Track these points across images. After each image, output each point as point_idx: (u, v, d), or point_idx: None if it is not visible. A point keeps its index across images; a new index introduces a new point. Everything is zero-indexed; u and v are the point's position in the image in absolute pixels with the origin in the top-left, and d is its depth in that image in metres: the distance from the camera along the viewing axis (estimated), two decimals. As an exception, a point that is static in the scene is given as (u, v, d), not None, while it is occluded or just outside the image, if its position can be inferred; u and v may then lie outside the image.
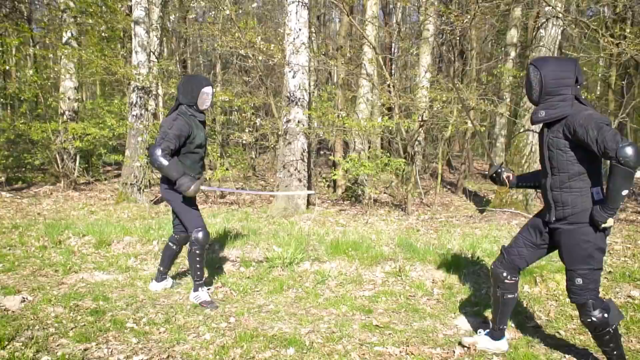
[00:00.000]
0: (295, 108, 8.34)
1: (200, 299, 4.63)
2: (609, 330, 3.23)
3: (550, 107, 3.19)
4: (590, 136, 2.98)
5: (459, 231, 7.51)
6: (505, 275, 3.62)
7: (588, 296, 3.24)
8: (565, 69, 3.18)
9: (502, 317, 3.71)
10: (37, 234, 6.79)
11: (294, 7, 8.17)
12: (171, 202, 4.64)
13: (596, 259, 3.21)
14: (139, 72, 9.73)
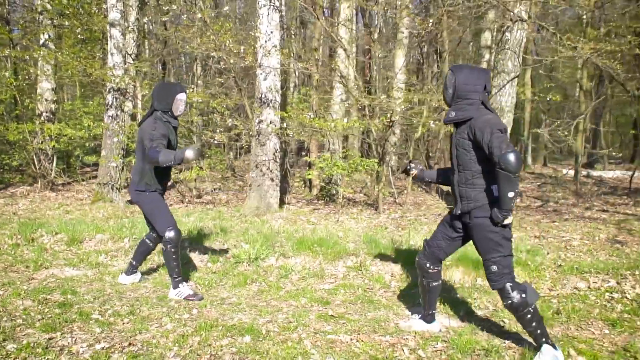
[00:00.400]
0: (267, 109, 8.53)
1: (184, 294, 4.78)
2: (529, 310, 3.49)
3: (459, 109, 3.56)
4: (484, 139, 3.34)
5: (425, 228, 7.76)
6: (429, 266, 3.99)
7: (505, 281, 3.53)
8: (477, 77, 3.54)
9: (430, 302, 4.08)
10: (10, 232, 6.90)
11: (265, 10, 8.37)
12: (141, 204, 4.83)
13: (504, 247, 3.53)
14: (114, 74, 9.85)
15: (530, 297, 3.50)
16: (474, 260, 5.36)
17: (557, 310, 4.49)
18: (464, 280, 5.26)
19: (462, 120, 3.55)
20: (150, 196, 4.77)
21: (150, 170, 4.74)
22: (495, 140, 3.27)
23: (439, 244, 3.94)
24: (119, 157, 9.91)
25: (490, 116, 3.47)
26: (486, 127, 3.35)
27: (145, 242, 5.17)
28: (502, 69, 8.91)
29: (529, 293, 3.51)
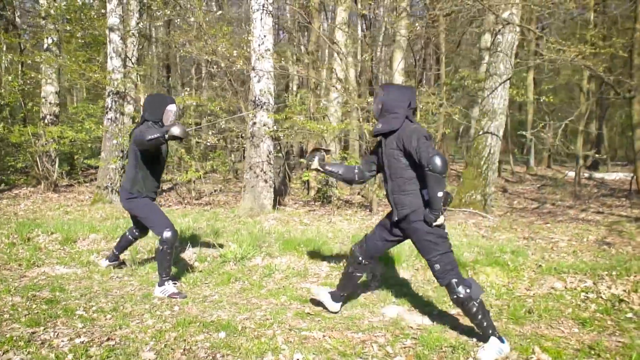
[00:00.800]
0: (260, 112, 8.68)
1: (168, 292, 4.93)
2: (474, 304, 3.70)
3: (386, 122, 3.87)
4: (412, 146, 3.64)
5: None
6: (361, 259, 4.29)
7: (449, 277, 3.76)
8: (402, 94, 3.91)
9: (345, 287, 4.46)
10: (7, 232, 7.10)
11: (258, 14, 8.52)
12: (133, 210, 5.04)
13: (441, 245, 3.78)
14: (111, 78, 10.04)
15: (475, 291, 3.70)
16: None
17: (529, 309, 4.58)
18: (442, 280, 5.36)
19: (388, 131, 3.84)
20: (142, 202, 4.97)
21: (142, 178, 4.94)
22: (422, 145, 3.58)
23: (376, 244, 4.22)
24: (117, 160, 10.09)
25: (415, 125, 3.79)
26: (413, 135, 3.66)
27: (127, 237, 5.48)
28: (494, 72, 9.00)
29: (473, 288, 3.71)
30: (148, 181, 4.97)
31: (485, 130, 9.04)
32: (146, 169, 4.93)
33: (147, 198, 5.00)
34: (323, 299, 4.50)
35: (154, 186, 5.04)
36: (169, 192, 12.67)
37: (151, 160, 4.93)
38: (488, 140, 9.04)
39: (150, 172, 4.96)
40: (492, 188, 9.22)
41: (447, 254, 3.78)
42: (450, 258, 3.79)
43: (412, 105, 3.87)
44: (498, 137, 9.06)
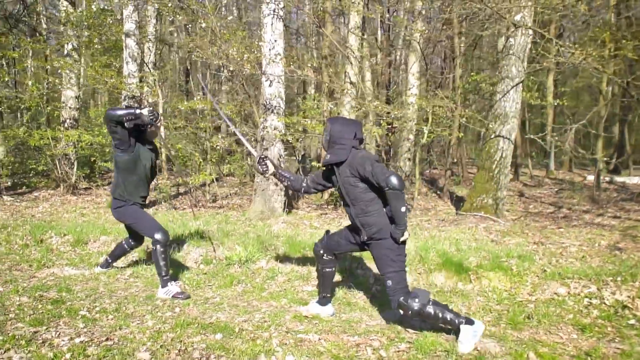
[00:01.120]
0: (271, 115, 8.75)
1: (171, 293, 5.04)
2: (429, 310, 3.89)
3: (333, 153, 4.09)
4: (367, 170, 3.88)
5: (425, 234, 7.83)
6: (322, 253, 4.50)
7: (398, 296, 3.97)
8: (348, 126, 4.14)
9: (324, 287, 4.57)
10: (22, 233, 7.28)
11: (269, 19, 8.60)
12: (124, 219, 5.21)
13: (397, 262, 4.00)
14: (127, 82, 10.22)
15: (423, 298, 3.90)
16: (456, 264, 5.45)
17: (529, 315, 4.55)
18: (445, 285, 5.35)
19: (336, 162, 4.08)
20: (129, 209, 5.11)
21: (122, 183, 5.08)
22: (376, 168, 3.85)
23: (339, 242, 4.43)
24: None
25: (363, 152, 4.07)
26: (366, 161, 3.92)
27: (123, 246, 5.62)
28: (506, 75, 8.94)
29: (420, 296, 3.91)
30: (130, 186, 5.09)
31: (496, 134, 8.97)
32: (126, 174, 5.05)
33: (134, 205, 5.14)
34: (313, 311, 4.59)
35: (138, 192, 5.16)
36: (184, 196, 12.82)
37: (129, 167, 5.03)
38: (500, 144, 8.97)
39: (132, 178, 5.07)
40: (504, 192, 9.14)
41: (401, 272, 3.99)
42: (402, 276, 4.01)
43: (357, 136, 4.09)
44: (510, 140, 8.98)
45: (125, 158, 4.98)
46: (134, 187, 5.10)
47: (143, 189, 5.20)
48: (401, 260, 4.02)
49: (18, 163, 14.56)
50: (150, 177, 5.31)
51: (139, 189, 5.14)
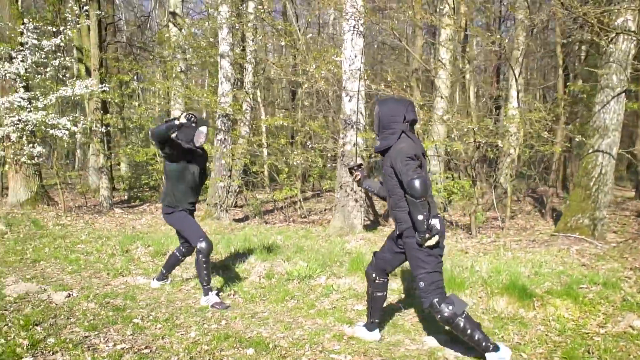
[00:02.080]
0: (350, 131, 8.72)
1: (211, 302, 5.23)
2: (460, 319, 3.66)
3: (383, 139, 3.84)
4: (397, 167, 3.65)
5: (508, 255, 7.36)
6: (375, 276, 4.23)
7: (432, 297, 3.72)
8: (396, 108, 3.81)
9: (374, 312, 4.32)
10: (113, 243, 7.84)
11: (349, 35, 8.61)
12: (173, 224, 5.46)
13: (429, 263, 3.73)
14: (220, 101, 10.69)
15: (458, 307, 3.68)
16: (520, 289, 5.04)
17: (589, 349, 4.07)
18: (505, 311, 4.95)
19: (385, 148, 3.83)
20: (178, 216, 5.35)
21: (171, 190, 5.34)
22: (404, 167, 3.59)
23: (385, 257, 4.16)
24: (224, 179, 10.68)
25: (404, 144, 3.71)
26: (398, 156, 3.65)
27: (176, 255, 5.81)
28: (605, 84, 8.20)
29: (456, 304, 3.69)
30: (179, 194, 5.31)
31: (595, 149, 8.24)
32: (175, 182, 5.30)
33: (183, 211, 5.38)
34: (359, 334, 4.38)
35: (186, 199, 5.37)
36: (278, 210, 13.11)
37: (178, 175, 5.26)
38: (599, 159, 8.22)
39: (180, 186, 5.30)
40: (604, 212, 8.33)
41: (433, 273, 3.74)
42: (435, 278, 3.75)
43: (407, 118, 3.78)
44: (611, 155, 8.20)
45: (173, 167, 5.23)
46: (182, 195, 5.34)
47: (191, 195, 5.42)
48: (433, 261, 3.74)
49: (133, 178, 15.78)
50: (200, 182, 5.54)
51: (187, 196, 5.37)
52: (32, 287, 5.68)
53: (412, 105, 3.88)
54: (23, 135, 10.62)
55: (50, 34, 11.51)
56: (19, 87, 10.65)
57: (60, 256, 7.31)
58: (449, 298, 3.74)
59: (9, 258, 7.28)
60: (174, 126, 4.84)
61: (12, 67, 10.48)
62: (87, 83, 10.65)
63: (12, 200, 11.80)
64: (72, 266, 6.82)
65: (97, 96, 12.15)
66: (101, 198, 12.79)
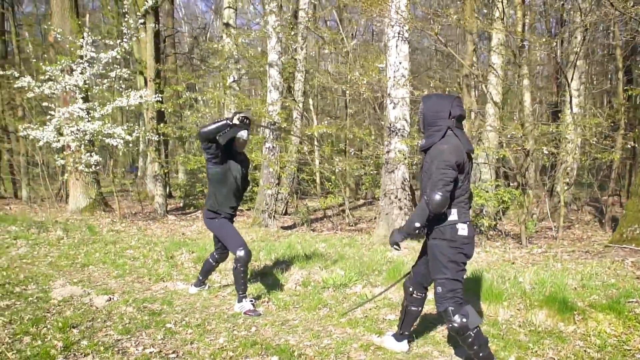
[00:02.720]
0: (395, 138, 8.61)
1: (245, 309, 5.26)
2: (470, 334, 3.56)
3: (428, 136, 3.70)
4: (432, 169, 3.54)
5: (558, 266, 7.05)
6: (412, 291, 4.11)
7: (447, 304, 3.61)
8: (440, 104, 3.67)
9: (405, 324, 4.21)
10: (160, 249, 8.03)
11: (394, 42, 8.52)
12: (214, 229, 5.47)
13: (450, 270, 3.61)
14: (268, 110, 10.81)
15: (472, 321, 3.56)
16: (560, 301, 4.80)
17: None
18: (543, 324, 4.72)
19: (429, 146, 3.67)
20: (219, 222, 5.36)
21: (213, 195, 5.35)
22: (435, 174, 3.48)
23: (420, 270, 4.04)
24: (272, 186, 10.78)
25: (445, 147, 3.53)
26: (435, 159, 3.52)
27: (210, 262, 5.88)
28: (665, 87, 7.77)
29: (470, 317, 3.57)
30: (221, 197, 5.32)
31: (655, 155, 7.80)
32: (218, 185, 5.29)
33: (224, 218, 5.39)
34: (387, 344, 4.30)
35: (228, 205, 5.38)
36: (329, 218, 13.09)
37: (220, 178, 5.26)
38: (659, 166, 7.78)
39: (223, 190, 5.30)
40: (665, 222, 7.85)
41: (452, 280, 3.63)
42: (454, 285, 3.63)
43: (453, 114, 3.62)
44: (672, 162, 7.74)
45: (217, 170, 5.25)
46: (225, 198, 5.33)
47: (234, 200, 5.42)
48: (454, 268, 3.61)
49: (189, 186, 16.19)
50: (242, 188, 5.53)
51: (229, 200, 5.36)
52: (77, 291, 5.89)
53: (458, 100, 3.72)
54: (82, 144, 11.07)
55: (110, 47, 11.99)
56: (78, 98, 11.12)
57: (109, 261, 7.56)
58: (465, 309, 3.61)
59: (61, 262, 7.58)
60: (225, 126, 4.85)
61: (72, 79, 10.97)
62: (141, 93, 11.02)
63: (72, 207, 12.33)
64: (118, 271, 7.04)
65: (152, 106, 12.56)
66: (156, 205, 13.18)
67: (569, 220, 12.33)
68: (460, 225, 3.61)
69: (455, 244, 3.60)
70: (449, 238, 3.59)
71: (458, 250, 3.61)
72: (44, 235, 9.39)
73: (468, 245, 3.65)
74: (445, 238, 3.59)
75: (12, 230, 9.80)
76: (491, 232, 10.14)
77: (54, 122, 10.74)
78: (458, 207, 3.64)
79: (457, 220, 3.61)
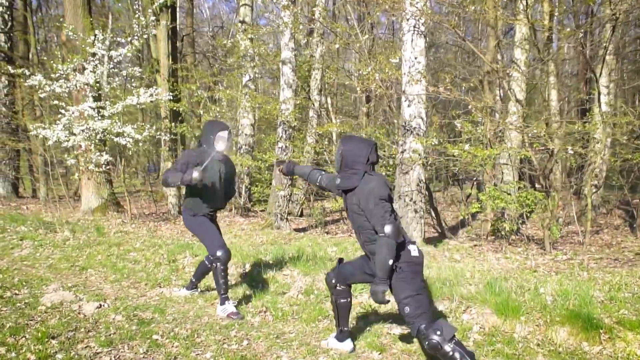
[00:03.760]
0: (410, 137, 8.17)
1: (227, 311, 5.06)
2: (449, 346, 3.43)
3: (346, 178, 3.83)
4: (368, 207, 3.64)
5: (584, 275, 6.54)
6: (335, 283, 4.16)
7: (420, 322, 3.51)
8: (360, 148, 3.80)
9: (341, 320, 4.20)
10: (163, 252, 7.72)
11: (409, 36, 8.08)
12: (192, 229, 5.30)
13: (413, 285, 3.61)
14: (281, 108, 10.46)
15: (447, 332, 3.45)
16: (585, 318, 4.33)
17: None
18: (565, 343, 4.26)
19: (348, 188, 3.81)
20: (197, 220, 5.20)
21: (191, 195, 5.19)
22: (376, 209, 3.59)
23: (353, 272, 4.11)
24: (284, 187, 10.43)
25: (373, 184, 3.68)
26: (370, 197, 3.63)
27: (204, 263, 5.61)
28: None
29: (444, 329, 3.46)
30: (197, 202, 5.18)
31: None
32: (195, 190, 5.13)
33: (204, 217, 5.22)
34: (332, 345, 4.26)
35: (206, 206, 5.22)
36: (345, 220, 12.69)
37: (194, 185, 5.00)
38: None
39: (199, 194, 5.14)
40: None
41: (418, 296, 3.60)
42: (422, 302, 3.60)
43: (370, 160, 3.80)
44: None
45: None
46: (202, 202, 5.19)
47: (212, 202, 5.26)
48: (417, 283, 3.65)
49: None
50: (225, 191, 5.38)
51: (208, 203, 5.22)
52: (68, 296, 5.61)
53: (375, 147, 3.90)
54: (92, 143, 10.87)
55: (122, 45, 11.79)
56: (88, 96, 10.94)
57: (109, 264, 7.28)
58: (437, 324, 3.52)
59: (62, 264, 7.35)
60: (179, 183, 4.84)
61: (83, 77, 10.78)
62: (151, 92, 10.77)
63: (84, 207, 12.17)
64: (116, 275, 6.75)
65: (165, 105, 12.33)
66: (169, 205, 12.95)
67: (597, 224, 11.71)
68: (411, 246, 3.73)
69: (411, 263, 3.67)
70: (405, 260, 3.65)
71: (414, 269, 3.67)
72: (51, 236, 9.18)
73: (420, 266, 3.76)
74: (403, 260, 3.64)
75: (20, 231, 9.63)
76: (513, 236, 9.63)
77: (63, 120, 10.54)
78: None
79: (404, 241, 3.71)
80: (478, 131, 9.50)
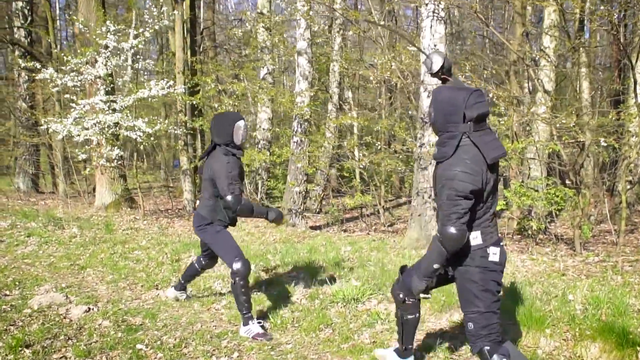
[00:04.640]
0: (429, 131, 7.66)
1: (252, 333, 4.37)
2: None
3: (441, 145, 2.96)
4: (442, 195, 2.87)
5: (618, 279, 5.98)
6: (402, 297, 3.39)
7: (481, 343, 3.01)
8: (453, 102, 2.86)
9: (405, 336, 3.54)
10: (167, 251, 7.38)
11: (428, 22, 7.56)
12: (206, 239, 4.71)
13: (483, 301, 2.98)
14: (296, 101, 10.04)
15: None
16: (619, 333, 3.80)
17: None
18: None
19: (438, 160, 2.97)
20: (212, 228, 4.62)
21: (224, 207, 4.53)
22: (446, 205, 2.84)
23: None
24: (299, 183, 10.01)
25: (458, 170, 2.79)
26: (446, 186, 2.84)
27: (194, 265, 5.13)
28: None
29: (512, 357, 2.98)
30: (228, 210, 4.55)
31: None
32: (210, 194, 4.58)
33: (217, 225, 4.62)
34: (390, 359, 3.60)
35: (231, 214, 4.62)
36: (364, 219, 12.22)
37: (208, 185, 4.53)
38: None
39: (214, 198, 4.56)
40: None
41: (487, 314, 2.98)
42: (490, 320, 3.00)
43: (468, 116, 2.82)
44: None
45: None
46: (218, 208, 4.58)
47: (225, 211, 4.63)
48: (488, 298, 2.98)
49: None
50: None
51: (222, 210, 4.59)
52: (58, 298, 5.29)
53: (476, 95, 2.86)
54: (104, 137, 10.62)
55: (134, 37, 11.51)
56: (100, 89, 10.69)
57: (109, 263, 6.96)
58: (504, 348, 3.01)
59: (62, 263, 7.06)
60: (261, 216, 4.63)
61: (94, 70, 10.53)
62: (162, 84, 10.43)
63: (98, 202, 11.96)
64: (114, 275, 6.41)
65: (180, 98, 12.02)
66: (185, 201, 12.65)
67: (632, 223, 10.99)
68: (491, 249, 2.97)
69: (486, 270, 2.98)
70: (479, 265, 2.97)
71: (491, 277, 2.99)
72: (58, 233, 8.95)
73: (500, 274, 3.04)
74: (476, 265, 2.98)
75: (30, 227, 9.43)
76: (540, 235, 9.04)
77: (73, 114, 10.30)
78: (481, 229, 2.97)
79: (482, 244, 2.96)
80: (501, 123, 8.96)
